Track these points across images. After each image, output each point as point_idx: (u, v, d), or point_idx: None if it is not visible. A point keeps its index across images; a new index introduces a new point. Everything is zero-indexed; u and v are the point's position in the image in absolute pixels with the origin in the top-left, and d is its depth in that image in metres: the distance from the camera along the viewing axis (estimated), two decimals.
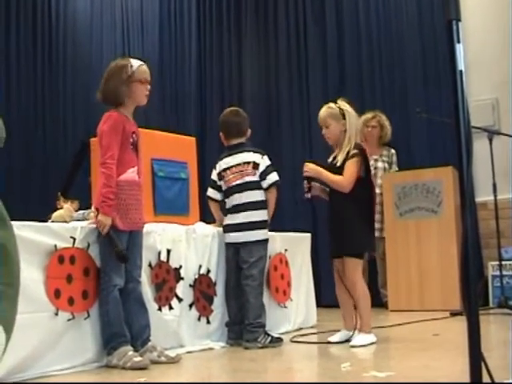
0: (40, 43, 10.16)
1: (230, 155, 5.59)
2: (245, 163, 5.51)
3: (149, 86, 4.61)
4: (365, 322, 5.09)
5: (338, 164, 5.13)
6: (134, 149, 4.50)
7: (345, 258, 5.12)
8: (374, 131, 8.28)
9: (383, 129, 8.30)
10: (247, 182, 5.47)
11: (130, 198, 4.37)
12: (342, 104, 5.25)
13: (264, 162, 5.52)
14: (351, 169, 5.05)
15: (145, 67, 4.64)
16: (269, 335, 5.29)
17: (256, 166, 5.49)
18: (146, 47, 10.72)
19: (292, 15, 9.96)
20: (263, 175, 5.49)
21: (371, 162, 8.17)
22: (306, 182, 5.28)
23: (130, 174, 4.41)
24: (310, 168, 5.20)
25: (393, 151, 8.42)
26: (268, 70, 10.15)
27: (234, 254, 5.47)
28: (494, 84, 8.30)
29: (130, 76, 4.49)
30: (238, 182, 5.49)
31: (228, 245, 5.50)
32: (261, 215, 5.48)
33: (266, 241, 5.50)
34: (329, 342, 5.17)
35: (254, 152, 5.56)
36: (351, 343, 4.93)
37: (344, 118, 5.17)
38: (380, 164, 8.31)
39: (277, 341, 5.30)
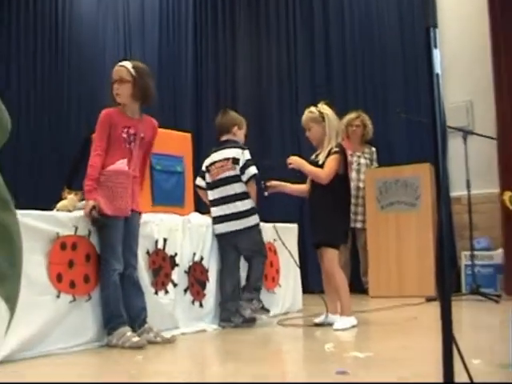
0: (47, 45, 10.16)
1: (216, 151, 5.72)
2: (225, 159, 5.61)
3: (116, 86, 4.59)
4: (345, 306, 5.13)
5: (320, 162, 5.19)
6: (127, 142, 4.50)
7: (322, 249, 5.18)
8: (358, 130, 8.32)
9: (366, 128, 8.34)
10: (227, 177, 5.58)
11: (116, 187, 4.36)
12: (322, 107, 5.32)
13: (244, 156, 5.58)
14: (331, 164, 5.12)
15: (115, 68, 4.66)
16: (261, 302, 5.50)
17: (236, 160, 5.57)
18: (146, 49, 10.69)
19: (282, 20, 9.94)
20: (243, 169, 5.55)
21: (355, 159, 8.22)
22: (262, 182, 5.47)
23: (119, 164, 4.41)
24: (294, 160, 5.30)
25: (373, 149, 8.46)
26: (260, 71, 10.13)
27: (228, 243, 5.55)
28: (468, 87, 8.30)
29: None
30: (220, 176, 5.60)
31: (218, 236, 5.57)
32: (244, 205, 5.55)
33: (257, 226, 5.58)
34: (315, 324, 5.20)
35: (235, 148, 5.59)
36: (334, 326, 4.95)
37: (324, 120, 5.24)
38: (363, 160, 8.34)
39: (266, 310, 5.57)
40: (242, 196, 5.54)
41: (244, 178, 5.54)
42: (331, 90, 9.17)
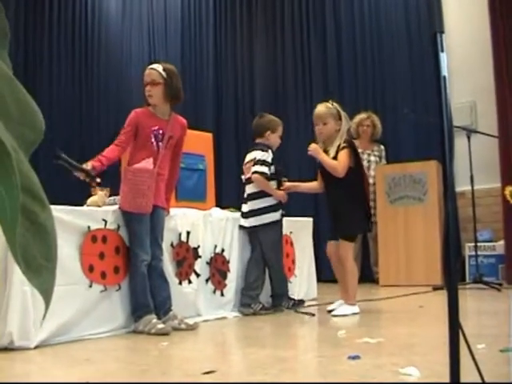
0: (78, 52, 10.20)
1: (248, 152, 5.75)
2: (250, 160, 5.61)
3: (148, 87, 4.56)
4: (351, 295, 5.11)
5: (331, 156, 5.08)
6: (155, 142, 4.49)
7: (340, 241, 5.13)
8: (368, 130, 8.32)
9: (375, 128, 8.35)
10: (249, 177, 5.60)
11: (139, 184, 4.30)
12: (337, 106, 5.21)
13: (259, 157, 5.57)
14: (343, 157, 5.02)
15: (147, 71, 4.64)
16: (291, 299, 5.69)
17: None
18: (169, 53, 10.70)
19: (297, 26, 9.98)
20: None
21: (365, 156, 8.20)
22: (276, 181, 5.53)
23: (144, 163, 4.39)
24: (314, 147, 5.13)
25: (382, 147, 8.46)
26: (276, 72, 10.16)
27: (253, 237, 5.66)
28: (472, 89, 8.28)
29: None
30: (247, 175, 5.67)
31: (246, 229, 5.66)
32: (258, 203, 5.57)
33: (270, 224, 5.57)
34: (328, 311, 5.17)
35: (260, 150, 5.58)
36: (333, 312, 5.00)
37: (340, 118, 5.13)
38: (373, 158, 8.34)
39: (299, 303, 5.73)
40: (259, 195, 5.55)
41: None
42: (342, 91, 9.20)
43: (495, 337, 3.64)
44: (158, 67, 4.59)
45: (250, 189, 5.62)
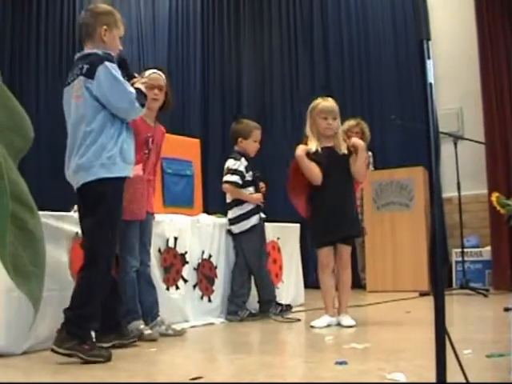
0: (65, 55, 10.15)
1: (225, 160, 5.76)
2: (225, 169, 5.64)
3: (156, 91, 4.51)
4: (347, 303, 4.93)
5: (346, 152, 4.86)
6: (146, 149, 4.46)
7: (345, 245, 4.84)
8: (357, 137, 8.31)
9: (364, 135, 8.33)
10: None
11: (132, 191, 4.27)
12: None
13: (230, 166, 5.57)
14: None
15: (154, 75, 4.58)
16: (279, 305, 5.63)
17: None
18: (157, 56, 10.69)
19: (285, 31, 10.01)
20: None
21: None
22: (253, 187, 5.52)
23: (135, 170, 4.33)
24: (359, 142, 4.91)
25: (370, 153, 8.46)
26: (263, 78, 10.18)
27: (236, 244, 5.69)
28: (458, 95, 8.32)
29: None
30: None
31: (229, 232, 5.70)
32: (236, 211, 5.59)
33: (250, 229, 5.57)
34: (311, 327, 4.70)
35: (231, 158, 5.61)
36: (347, 324, 4.63)
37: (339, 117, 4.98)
38: None
39: (287, 308, 5.64)
40: (236, 203, 5.58)
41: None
42: (332, 95, 9.22)
43: (482, 342, 3.66)
44: (161, 73, 4.61)
45: (227, 198, 5.65)
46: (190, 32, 10.87)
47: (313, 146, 4.85)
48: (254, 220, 5.58)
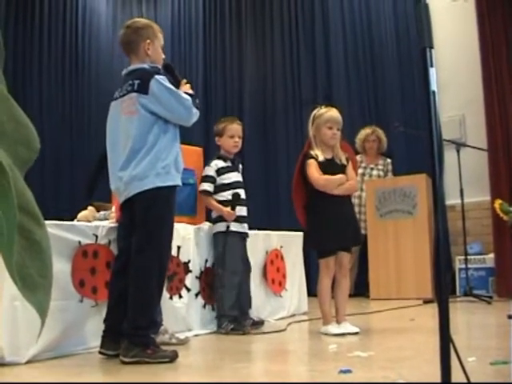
0: (68, 59, 10.18)
1: None
2: None
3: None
4: (346, 311, 4.91)
5: (345, 163, 4.89)
6: None
7: (346, 252, 4.84)
8: (374, 145, 8.33)
9: (381, 141, 8.35)
10: None
11: None
12: None
13: (203, 173, 5.51)
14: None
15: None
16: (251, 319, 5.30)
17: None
18: None
19: (286, 36, 10.04)
20: None
21: (367, 171, 8.22)
22: (232, 196, 5.29)
23: None
24: (353, 186, 4.95)
25: (388, 160, 8.44)
26: (265, 86, 10.19)
27: None
28: (461, 102, 8.33)
29: None
30: None
31: None
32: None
33: (216, 235, 5.35)
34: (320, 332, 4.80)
35: (208, 165, 5.55)
36: (354, 330, 4.63)
37: None
38: (375, 172, 8.34)
39: (258, 324, 5.31)
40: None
41: None
42: (335, 106, 9.21)
43: (486, 349, 3.65)
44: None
45: None
46: (192, 38, 10.91)
47: (319, 155, 4.86)
48: (221, 226, 5.31)
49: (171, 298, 4.88)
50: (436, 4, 8.03)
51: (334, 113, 4.95)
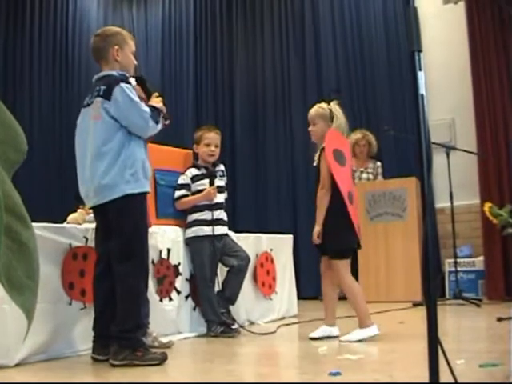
0: (58, 63, 10.14)
1: None
2: None
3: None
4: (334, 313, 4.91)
5: (315, 163, 4.81)
6: None
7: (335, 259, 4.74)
8: (364, 149, 8.31)
9: (371, 146, 8.33)
10: None
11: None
12: (334, 107, 4.87)
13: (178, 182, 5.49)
14: (323, 172, 4.72)
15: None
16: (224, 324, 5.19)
17: None
18: (149, 67, 10.70)
19: (277, 42, 10.03)
20: None
21: (357, 174, 8.19)
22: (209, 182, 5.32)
23: None
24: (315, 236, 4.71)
25: (378, 163, 8.42)
26: (255, 90, 10.18)
27: None
28: (450, 106, 8.35)
29: None
30: None
31: None
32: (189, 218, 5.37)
33: (193, 238, 5.29)
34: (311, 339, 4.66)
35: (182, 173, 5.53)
36: (345, 338, 4.53)
37: (332, 120, 4.81)
38: (364, 175, 8.33)
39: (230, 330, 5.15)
40: (191, 210, 5.38)
41: None
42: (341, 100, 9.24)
43: (475, 352, 3.66)
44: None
45: None
46: (183, 40, 10.89)
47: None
48: (205, 230, 5.27)
49: (161, 300, 4.88)
50: (426, 8, 8.06)
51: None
